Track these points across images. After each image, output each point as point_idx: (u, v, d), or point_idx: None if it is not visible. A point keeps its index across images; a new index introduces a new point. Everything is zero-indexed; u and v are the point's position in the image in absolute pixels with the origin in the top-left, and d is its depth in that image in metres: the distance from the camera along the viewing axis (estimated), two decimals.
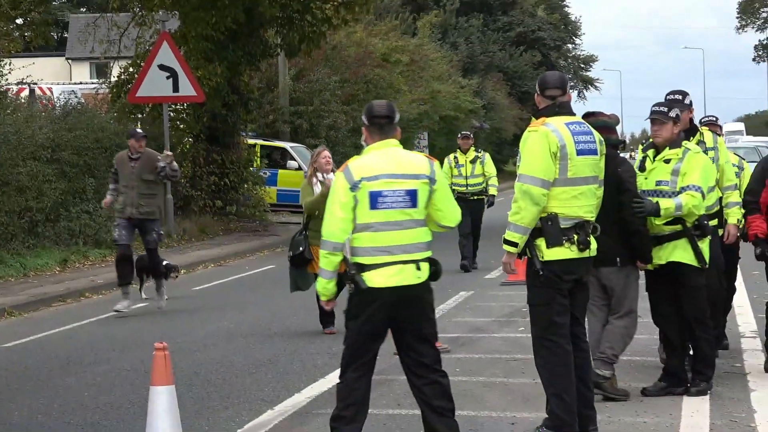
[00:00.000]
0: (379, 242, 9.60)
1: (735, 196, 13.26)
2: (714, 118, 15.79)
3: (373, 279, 9.55)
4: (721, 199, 13.89)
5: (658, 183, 12.22)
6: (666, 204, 12.09)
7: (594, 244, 10.80)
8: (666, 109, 12.56)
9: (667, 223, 12.15)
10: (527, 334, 14.65)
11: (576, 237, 10.85)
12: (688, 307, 12.21)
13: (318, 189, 17.05)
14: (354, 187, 9.62)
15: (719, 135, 14.69)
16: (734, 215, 13.21)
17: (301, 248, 18.13)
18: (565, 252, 10.72)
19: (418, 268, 9.67)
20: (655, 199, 12.17)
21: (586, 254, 10.97)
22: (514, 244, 10.61)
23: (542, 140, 10.60)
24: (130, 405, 13.09)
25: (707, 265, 12.37)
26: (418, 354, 10.11)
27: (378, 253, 9.46)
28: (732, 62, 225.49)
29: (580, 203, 10.94)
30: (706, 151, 13.22)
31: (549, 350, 10.85)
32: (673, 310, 12.60)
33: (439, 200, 9.73)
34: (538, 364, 11.07)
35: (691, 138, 13.16)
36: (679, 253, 12.20)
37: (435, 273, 9.92)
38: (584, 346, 11.40)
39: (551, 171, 10.60)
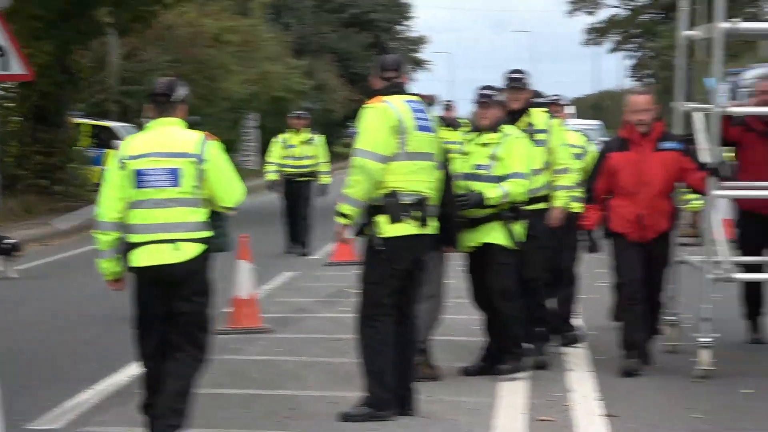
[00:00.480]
0: (143, 220, 9.55)
1: (564, 180, 13.30)
2: (556, 97, 15.79)
3: (137, 258, 9.49)
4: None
5: (477, 167, 12.32)
6: (492, 193, 12.20)
7: (434, 222, 10.95)
8: (490, 93, 12.69)
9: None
10: (350, 313, 14.91)
11: (417, 213, 10.95)
12: (494, 282, 12.28)
13: None
14: (122, 165, 9.57)
15: (560, 116, 14.78)
16: (560, 199, 13.27)
17: None
18: (406, 228, 10.78)
19: (177, 248, 9.51)
20: (479, 187, 12.31)
21: (426, 231, 11.07)
22: (346, 216, 10.71)
23: (380, 115, 10.70)
24: None
25: (518, 247, 12.54)
26: (173, 332, 10.04)
27: (142, 232, 9.41)
28: (561, 46, 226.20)
29: (420, 178, 11.00)
30: (535, 133, 13.32)
31: (374, 329, 10.90)
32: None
33: (211, 180, 9.58)
34: (360, 342, 11.10)
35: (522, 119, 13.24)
36: (494, 234, 12.30)
37: (205, 252, 9.80)
38: (413, 327, 11.48)
39: (389, 146, 10.71)
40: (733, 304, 14.58)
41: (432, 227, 11.17)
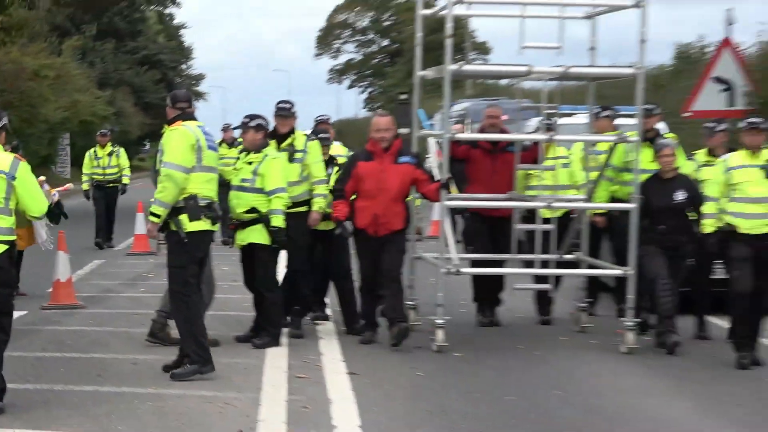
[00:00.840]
0: None
1: (320, 189, 12.83)
2: (327, 117, 15.24)
3: None
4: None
5: (243, 180, 12.12)
6: (277, 222, 12.09)
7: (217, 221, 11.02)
8: (248, 120, 12.52)
9: (247, 212, 12.14)
10: (147, 293, 14.62)
11: (210, 213, 10.97)
12: (257, 277, 12.13)
13: None
14: None
15: (330, 133, 14.32)
16: (317, 204, 12.83)
17: None
18: (202, 224, 10.86)
19: None
20: (245, 197, 12.22)
21: (215, 227, 11.16)
22: (157, 216, 10.63)
23: (182, 136, 10.68)
24: None
25: (278, 246, 12.26)
26: None
27: None
28: (311, 82, 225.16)
29: (211, 187, 11.08)
30: (295, 152, 13.00)
31: (186, 304, 10.89)
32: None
33: (19, 194, 9.35)
34: (176, 314, 11.12)
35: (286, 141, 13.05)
36: (256, 235, 12.12)
37: (8, 251, 9.52)
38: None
39: (190, 160, 10.73)
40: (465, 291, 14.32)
41: (216, 225, 11.18)
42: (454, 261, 12.25)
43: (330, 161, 13.60)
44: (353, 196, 12.49)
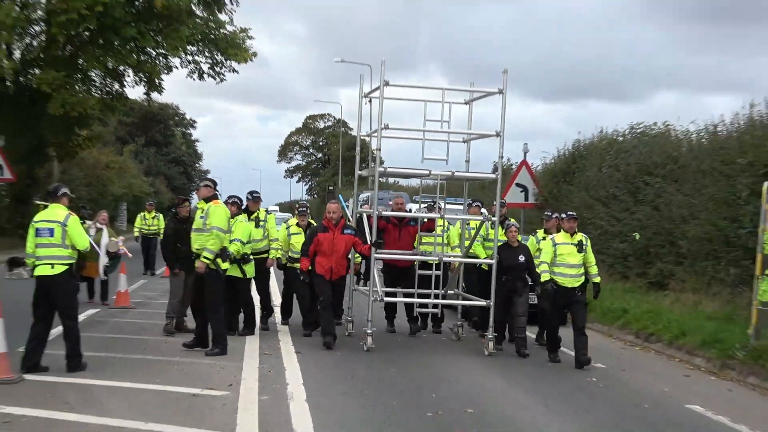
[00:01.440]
0: (34, 251, 9.31)
1: (275, 244, 12.84)
2: (304, 202, 14.58)
3: (36, 270, 9.27)
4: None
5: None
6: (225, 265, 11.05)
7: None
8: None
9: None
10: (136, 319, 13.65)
11: (228, 258, 10.90)
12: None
13: (92, 232, 15.01)
14: (32, 224, 9.38)
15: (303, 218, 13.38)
16: (273, 253, 12.81)
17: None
18: (227, 265, 10.90)
19: (52, 267, 9.22)
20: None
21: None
22: (208, 259, 10.48)
23: (224, 211, 10.70)
24: None
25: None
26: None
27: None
28: (275, 177, 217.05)
29: (228, 243, 11.01)
30: (259, 221, 12.82)
31: (219, 311, 10.73)
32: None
33: (69, 235, 9.23)
34: (212, 316, 10.73)
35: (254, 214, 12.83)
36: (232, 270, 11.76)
37: (68, 271, 9.35)
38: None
39: (227, 226, 10.84)
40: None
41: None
42: (379, 293, 12.26)
43: (308, 226, 13.25)
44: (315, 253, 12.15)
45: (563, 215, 11.88)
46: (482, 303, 12.21)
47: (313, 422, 7.53)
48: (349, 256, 12.58)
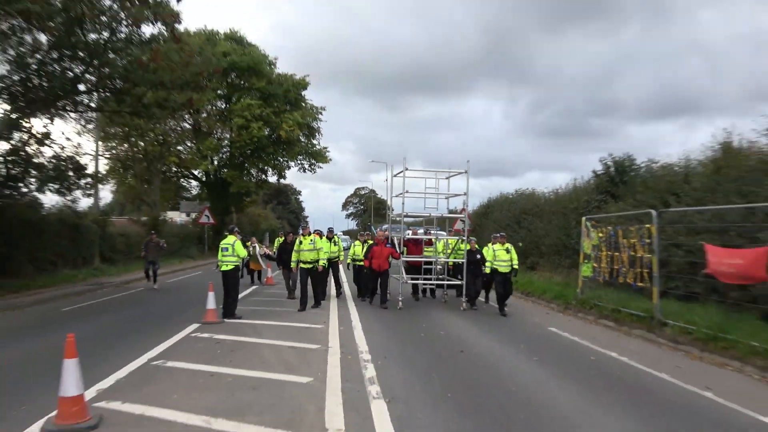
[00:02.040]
0: (221, 258, 9.54)
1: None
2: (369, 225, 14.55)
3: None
4: None
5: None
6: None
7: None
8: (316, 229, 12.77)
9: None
10: (272, 306, 12.04)
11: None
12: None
13: (251, 248, 15.37)
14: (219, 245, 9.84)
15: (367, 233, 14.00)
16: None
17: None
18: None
19: (227, 266, 9.27)
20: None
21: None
22: (324, 262, 10.63)
23: (323, 240, 10.70)
24: None
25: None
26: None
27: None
28: (340, 218, 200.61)
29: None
30: (331, 240, 12.93)
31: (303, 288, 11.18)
32: None
33: (235, 250, 9.21)
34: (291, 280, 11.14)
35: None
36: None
37: (235, 269, 9.42)
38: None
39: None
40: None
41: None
42: (405, 278, 13.08)
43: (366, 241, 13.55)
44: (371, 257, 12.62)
45: (498, 235, 13.02)
46: (459, 282, 13.14)
47: (366, 339, 8.78)
48: (389, 260, 13.04)
